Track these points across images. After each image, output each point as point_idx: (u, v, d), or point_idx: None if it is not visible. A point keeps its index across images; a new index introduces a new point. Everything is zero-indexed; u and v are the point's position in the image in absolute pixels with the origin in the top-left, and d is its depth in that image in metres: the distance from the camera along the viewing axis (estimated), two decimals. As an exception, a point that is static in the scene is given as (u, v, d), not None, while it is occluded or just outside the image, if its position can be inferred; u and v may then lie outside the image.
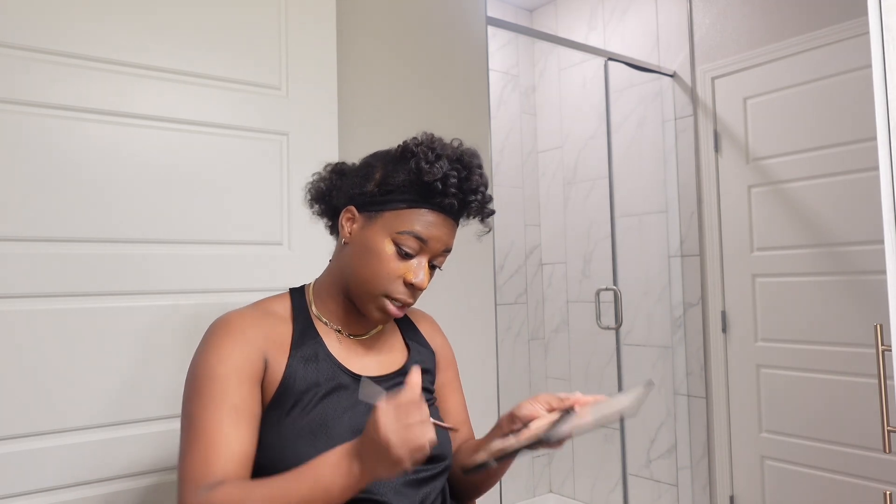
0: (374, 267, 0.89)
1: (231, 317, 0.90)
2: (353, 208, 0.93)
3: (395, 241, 0.89)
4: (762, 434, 2.59)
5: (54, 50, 1.20)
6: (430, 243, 0.90)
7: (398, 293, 0.90)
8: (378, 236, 0.90)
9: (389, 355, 1.00)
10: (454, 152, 0.91)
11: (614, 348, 3.10)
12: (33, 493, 1.15)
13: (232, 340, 0.87)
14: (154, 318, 1.28)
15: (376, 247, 0.89)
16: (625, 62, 2.70)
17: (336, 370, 0.92)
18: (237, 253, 1.39)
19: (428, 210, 0.90)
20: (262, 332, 0.90)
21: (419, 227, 0.89)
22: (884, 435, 1.16)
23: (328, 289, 0.97)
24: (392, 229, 0.89)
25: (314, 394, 0.88)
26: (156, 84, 1.31)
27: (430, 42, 1.91)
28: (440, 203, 0.89)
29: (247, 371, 0.86)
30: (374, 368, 0.97)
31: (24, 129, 1.16)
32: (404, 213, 0.89)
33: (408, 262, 0.90)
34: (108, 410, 1.23)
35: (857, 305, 2.30)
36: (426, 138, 0.92)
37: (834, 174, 2.37)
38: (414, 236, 0.89)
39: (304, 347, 0.91)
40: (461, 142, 0.95)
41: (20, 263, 1.15)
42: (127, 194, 1.26)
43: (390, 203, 0.90)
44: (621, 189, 3.09)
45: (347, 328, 0.98)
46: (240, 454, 0.82)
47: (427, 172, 0.87)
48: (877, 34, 0.93)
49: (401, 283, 0.90)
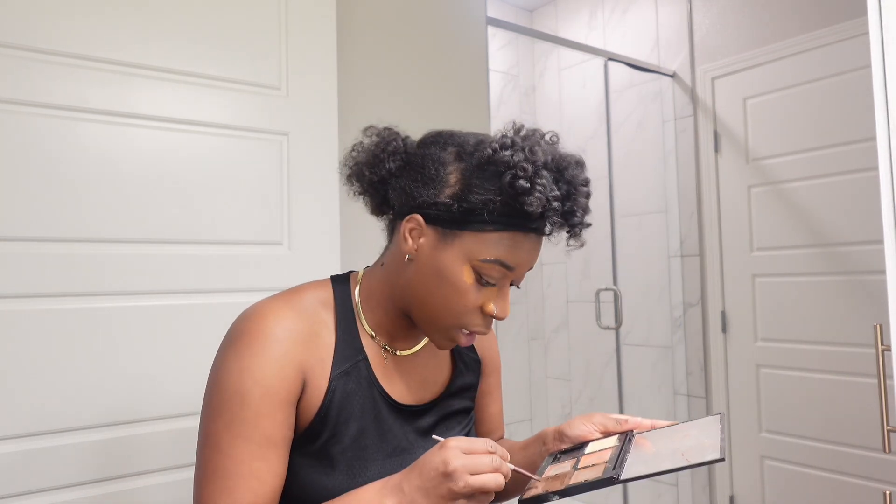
0: (450, 297, 0.75)
1: (268, 317, 0.75)
2: (419, 218, 0.75)
3: (475, 269, 0.74)
4: (762, 434, 2.59)
5: (54, 50, 1.20)
6: (520, 270, 0.75)
7: (475, 325, 0.77)
8: (455, 262, 0.74)
9: (435, 373, 0.89)
10: (555, 160, 0.73)
11: (614, 348, 3.10)
12: (33, 493, 1.15)
13: (267, 353, 0.73)
14: (154, 318, 1.28)
15: (453, 276, 0.74)
16: (625, 62, 2.70)
17: (376, 397, 0.81)
18: (237, 253, 1.39)
19: (520, 233, 0.74)
20: (302, 343, 0.76)
21: (507, 254, 0.73)
22: (884, 435, 1.16)
23: (379, 299, 0.82)
24: (473, 256, 0.73)
25: (353, 426, 0.78)
26: (156, 84, 1.31)
27: (431, 42, 1.91)
28: (536, 228, 0.74)
29: (283, 394, 0.73)
30: (418, 393, 0.86)
31: (24, 129, 1.16)
32: (489, 236, 0.73)
33: (488, 291, 0.75)
34: (109, 410, 1.23)
35: (857, 305, 2.30)
36: (521, 140, 0.73)
37: (834, 174, 2.37)
38: (500, 265, 0.73)
39: (346, 366, 0.79)
40: (557, 137, 0.77)
41: (20, 263, 1.15)
42: (127, 194, 1.26)
43: (471, 224, 0.73)
44: (621, 189, 3.09)
45: (394, 343, 0.85)
46: (269, 490, 0.72)
47: (525, 195, 0.70)
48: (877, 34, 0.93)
49: (479, 313, 0.76)
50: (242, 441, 0.71)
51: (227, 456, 0.71)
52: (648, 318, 2.97)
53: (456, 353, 0.92)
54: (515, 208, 0.72)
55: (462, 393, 0.91)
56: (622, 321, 2.70)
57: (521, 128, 0.75)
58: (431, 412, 0.86)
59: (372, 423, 0.80)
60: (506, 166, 0.71)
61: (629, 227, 3.05)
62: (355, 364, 0.80)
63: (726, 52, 2.68)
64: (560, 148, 0.76)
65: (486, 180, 0.73)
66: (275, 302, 0.78)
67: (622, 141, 3.08)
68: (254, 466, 0.71)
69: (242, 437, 0.71)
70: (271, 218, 1.44)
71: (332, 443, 0.76)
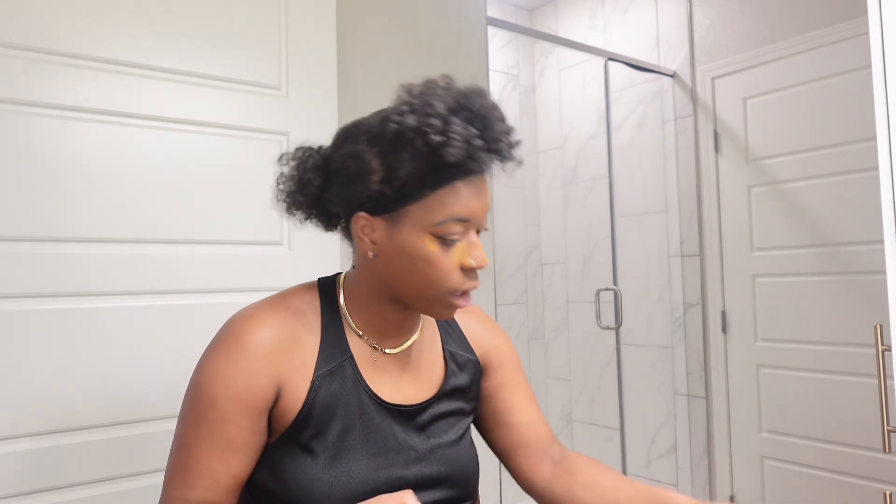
0: (426, 271, 0.76)
1: (249, 324, 0.78)
2: (364, 214, 0.77)
3: (435, 235, 0.75)
4: (762, 434, 2.59)
5: (54, 50, 1.20)
6: (475, 217, 0.76)
7: (462, 285, 0.77)
8: (413, 238, 0.75)
9: (427, 372, 0.88)
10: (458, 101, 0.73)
11: (614, 348, 3.10)
12: (33, 493, 1.15)
13: (243, 363, 0.75)
14: (154, 318, 1.28)
15: (418, 250, 0.75)
16: (625, 62, 2.70)
17: (363, 397, 0.81)
18: (237, 253, 1.39)
19: (458, 183, 0.74)
20: (281, 349, 0.78)
21: (456, 208, 0.74)
22: (884, 435, 1.16)
23: (365, 298, 0.83)
24: (426, 224, 0.74)
25: (337, 426, 0.79)
26: (156, 84, 1.31)
27: (431, 42, 1.91)
28: (468, 169, 0.74)
29: (251, 402, 0.76)
30: (408, 392, 0.85)
31: (25, 129, 1.16)
32: (431, 199, 0.74)
33: (458, 248, 0.76)
34: (109, 410, 1.23)
35: (857, 305, 2.30)
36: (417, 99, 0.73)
37: (834, 174, 2.37)
38: (454, 220, 0.74)
39: (331, 366, 0.80)
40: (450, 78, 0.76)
41: (20, 263, 1.15)
42: (127, 194, 1.26)
43: (410, 197, 0.74)
44: (621, 189, 3.09)
45: (383, 341, 0.85)
46: (224, 490, 0.76)
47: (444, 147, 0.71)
48: (877, 34, 0.93)
49: (458, 272, 0.77)
50: (205, 442, 0.75)
51: (191, 453, 0.75)
52: (648, 318, 2.97)
53: (448, 353, 0.91)
54: (441, 163, 0.72)
55: (455, 394, 0.90)
56: (622, 321, 2.70)
57: (412, 87, 0.75)
58: (423, 413, 0.86)
59: (358, 422, 0.80)
60: (414, 132, 0.72)
61: (629, 227, 3.05)
62: (340, 364, 0.81)
63: (726, 52, 2.68)
64: (458, 85, 0.76)
65: (403, 151, 0.73)
66: (261, 307, 0.80)
67: (622, 141, 3.08)
68: (212, 466, 0.75)
69: (206, 437, 0.75)
70: (271, 218, 1.44)
71: (316, 441, 0.78)
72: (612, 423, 3.13)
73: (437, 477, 0.84)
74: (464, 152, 0.71)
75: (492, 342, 0.97)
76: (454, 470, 0.85)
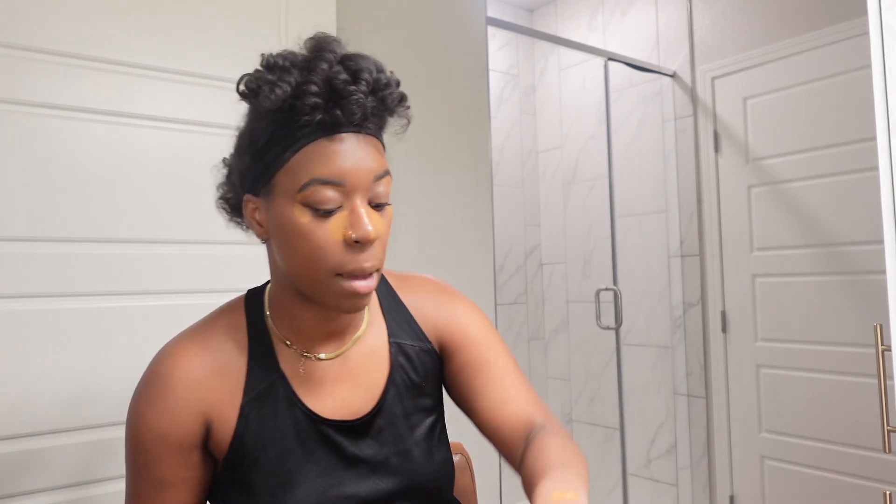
0: (303, 247, 0.67)
1: (167, 362, 0.73)
2: (249, 197, 0.72)
3: (304, 204, 0.66)
4: (762, 434, 2.59)
5: (54, 50, 1.20)
6: (349, 179, 0.66)
7: (346, 263, 0.67)
8: (284, 209, 0.67)
9: (371, 375, 0.79)
10: (301, 59, 0.67)
11: (614, 348, 3.10)
12: (34, 493, 1.15)
13: (162, 400, 0.71)
14: (154, 318, 1.28)
15: (290, 223, 0.67)
16: (625, 62, 2.70)
17: (299, 416, 0.75)
18: (237, 253, 1.39)
19: (316, 142, 0.66)
20: (204, 382, 0.73)
21: (320, 169, 0.65)
22: (884, 435, 1.16)
23: (280, 299, 0.75)
24: (291, 192, 0.66)
25: (274, 452, 0.73)
26: (156, 84, 1.31)
27: (431, 42, 1.91)
28: (321, 123, 0.66)
29: (176, 439, 0.72)
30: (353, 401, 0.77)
31: (24, 129, 1.16)
32: (292, 163, 0.66)
33: (337, 220, 0.67)
34: (110, 410, 1.23)
35: (857, 305, 2.30)
36: (261, 63, 0.67)
37: (834, 174, 2.37)
38: (320, 183, 0.65)
39: (259, 388, 0.74)
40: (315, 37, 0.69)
41: (21, 263, 1.15)
42: (127, 194, 1.26)
43: (273, 163, 0.67)
44: (621, 189, 3.09)
45: (314, 348, 0.77)
46: None
47: (287, 101, 0.65)
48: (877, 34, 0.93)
49: (340, 247, 0.67)
50: (141, 482, 0.73)
51: (132, 494, 0.74)
52: (648, 318, 2.97)
53: (395, 347, 0.81)
54: (289, 122, 0.66)
55: (411, 392, 0.81)
56: (622, 321, 2.70)
57: (269, 55, 0.68)
58: (373, 421, 0.77)
59: (296, 445, 0.74)
60: (255, 94, 0.67)
61: (629, 227, 3.05)
62: (271, 384, 0.75)
63: (726, 52, 2.68)
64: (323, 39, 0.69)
65: (257, 121, 0.69)
66: (182, 339, 0.75)
67: (622, 141, 3.08)
68: None
69: (141, 478, 0.73)
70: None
71: (254, 471, 0.73)
72: (612, 423, 3.13)
73: (394, 490, 0.76)
74: (313, 105, 0.64)
75: (446, 321, 0.85)
76: (414, 478, 0.77)
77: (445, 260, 1.90)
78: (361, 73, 0.66)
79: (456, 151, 1.95)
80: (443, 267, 1.89)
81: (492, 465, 1.95)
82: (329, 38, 0.68)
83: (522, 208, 3.44)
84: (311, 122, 0.66)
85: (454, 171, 1.94)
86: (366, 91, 0.66)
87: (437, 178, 1.90)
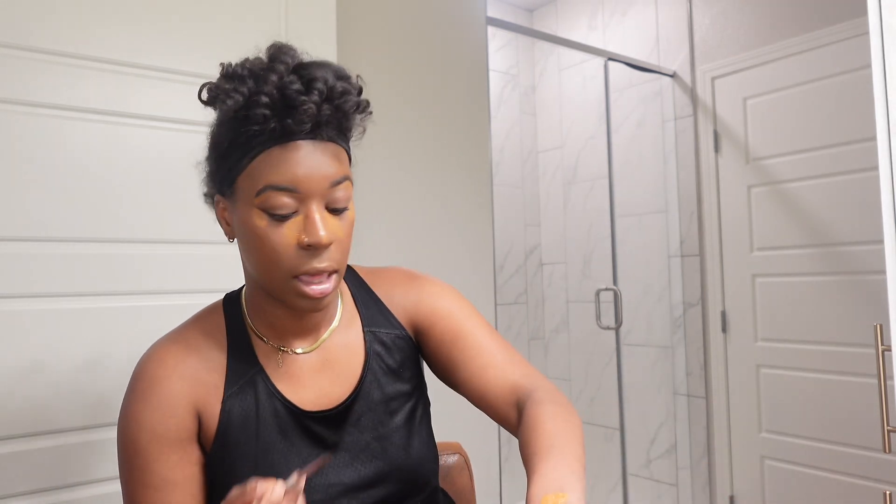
0: (261, 249, 0.69)
1: (152, 361, 0.75)
2: (219, 197, 0.75)
3: (260, 208, 0.69)
4: (762, 434, 2.59)
5: (54, 50, 1.20)
6: (302, 185, 0.68)
7: (301, 266, 0.69)
8: (244, 212, 0.70)
9: (347, 366, 0.81)
10: (253, 70, 0.69)
11: (614, 348, 3.10)
12: (35, 492, 1.15)
13: (152, 398, 0.73)
14: (154, 318, 1.28)
15: (249, 226, 0.70)
16: (625, 62, 2.70)
17: (279, 408, 0.76)
18: (237, 253, 1.39)
19: (269, 150, 0.68)
20: (190, 378, 0.75)
21: (273, 176, 0.68)
22: (884, 435, 1.16)
23: (254, 298, 0.79)
24: (249, 196, 0.69)
25: (257, 445, 0.75)
26: (155, 84, 1.31)
27: (431, 42, 1.91)
28: (273, 132, 0.68)
29: (172, 435, 0.73)
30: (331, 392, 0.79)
31: (25, 129, 1.16)
32: (251, 168, 0.69)
33: (293, 224, 0.69)
34: (111, 410, 1.23)
35: (857, 305, 2.30)
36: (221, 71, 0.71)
37: (834, 174, 2.37)
38: (273, 189, 0.68)
39: (240, 383, 0.76)
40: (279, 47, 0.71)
41: (20, 263, 1.15)
42: (126, 194, 1.26)
43: (233, 168, 0.70)
44: (621, 189, 3.09)
45: (290, 342, 0.80)
46: None
47: (239, 111, 0.68)
48: (877, 34, 0.93)
49: (295, 251, 0.69)
50: (142, 487, 0.72)
51: (134, 501, 0.73)
52: (648, 318, 2.97)
53: (370, 335, 0.83)
54: (245, 129, 0.68)
55: (389, 377, 0.82)
56: (622, 321, 2.70)
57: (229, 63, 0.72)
58: (350, 409, 0.79)
59: (277, 437, 0.75)
60: (213, 102, 0.71)
61: (629, 227, 3.05)
62: (251, 379, 0.77)
63: (726, 52, 2.68)
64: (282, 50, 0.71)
65: (220, 126, 0.72)
66: (163, 343, 0.77)
67: (622, 141, 3.09)
68: None
69: (141, 482, 0.72)
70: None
71: (240, 465, 0.74)
72: (612, 423, 3.14)
73: (376, 475, 0.78)
74: (264, 115, 0.66)
75: (415, 303, 0.87)
76: (395, 463, 0.79)
77: (445, 260, 1.90)
78: (315, 82, 0.67)
79: (456, 151, 1.95)
80: (443, 267, 1.89)
81: (491, 465, 1.95)
82: (285, 46, 0.70)
83: (522, 208, 3.44)
84: (265, 130, 0.68)
85: (454, 171, 1.94)
86: (318, 100, 0.67)
87: (437, 178, 1.90)
